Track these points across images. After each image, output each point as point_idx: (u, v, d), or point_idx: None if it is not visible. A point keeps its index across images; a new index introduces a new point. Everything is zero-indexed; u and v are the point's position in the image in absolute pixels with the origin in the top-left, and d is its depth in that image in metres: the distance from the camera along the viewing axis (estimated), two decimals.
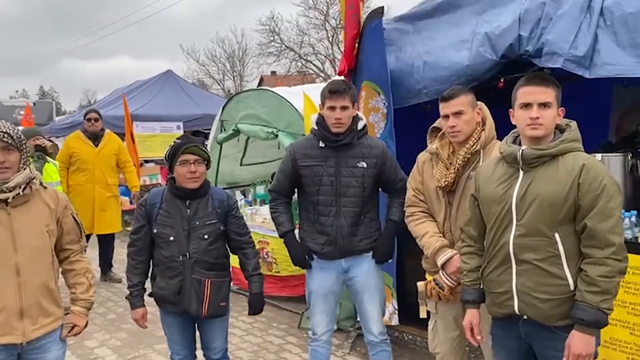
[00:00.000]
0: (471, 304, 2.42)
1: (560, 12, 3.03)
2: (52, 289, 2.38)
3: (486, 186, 2.31)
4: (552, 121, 2.16)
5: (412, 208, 2.89)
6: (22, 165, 2.29)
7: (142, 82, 11.64)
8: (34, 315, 2.30)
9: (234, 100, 5.86)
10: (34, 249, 2.30)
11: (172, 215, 2.79)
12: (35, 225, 2.32)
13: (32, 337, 2.30)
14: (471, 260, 2.42)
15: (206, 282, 2.75)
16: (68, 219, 2.47)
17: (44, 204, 2.38)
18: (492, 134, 2.70)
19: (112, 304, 5.57)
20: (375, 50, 3.90)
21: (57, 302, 2.42)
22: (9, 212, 2.25)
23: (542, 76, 2.23)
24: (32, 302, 2.29)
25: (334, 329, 3.30)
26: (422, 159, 2.88)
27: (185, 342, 2.97)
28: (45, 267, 2.35)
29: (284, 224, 3.13)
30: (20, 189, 2.25)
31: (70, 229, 2.50)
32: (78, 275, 2.54)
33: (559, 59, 2.95)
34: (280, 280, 5.33)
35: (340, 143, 2.98)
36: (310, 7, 28.60)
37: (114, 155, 6.32)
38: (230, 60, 37.17)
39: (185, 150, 2.73)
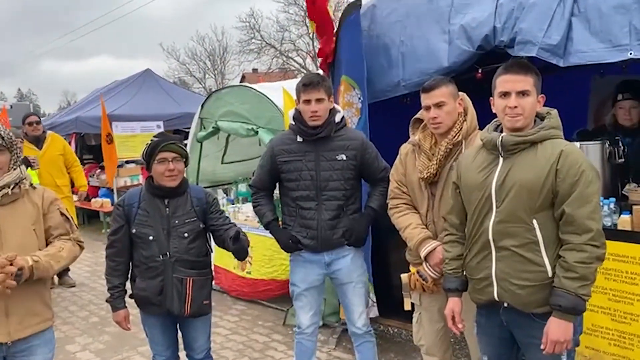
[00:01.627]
0: (453, 292, 2.42)
1: (533, 1, 3.05)
2: (40, 289, 2.35)
3: (467, 174, 2.32)
4: (531, 109, 2.16)
5: (395, 200, 2.89)
6: (13, 165, 2.30)
7: (120, 82, 11.46)
8: (20, 314, 2.27)
9: (213, 98, 5.80)
10: (21, 248, 2.26)
11: (151, 215, 2.74)
12: (22, 224, 2.31)
13: (17, 337, 2.26)
14: (453, 249, 2.43)
15: (188, 280, 2.71)
16: (54, 214, 2.43)
17: (32, 203, 2.37)
18: (473, 125, 2.71)
19: (94, 307, 5.48)
20: (352, 43, 3.88)
21: (45, 302, 2.39)
22: None
23: (520, 64, 2.23)
24: (18, 301, 2.25)
25: (319, 323, 3.29)
26: (404, 151, 2.87)
27: (168, 343, 2.93)
28: None
29: (267, 214, 3.15)
30: (9, 188, 2.25)
31: (58, 224, 2.44)
32: (51, 245, 2.40)
33: (534, 47, 2.96)
34: (250, 283, 5.25)
35: (318, 136, 2.97)
36: (290, 3, 28.51)
37: (60, 157, 6.24)
38: (211, 58, 36.97)
39: (163, 147, 2.69)
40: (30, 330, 2.31)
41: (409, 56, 3.74)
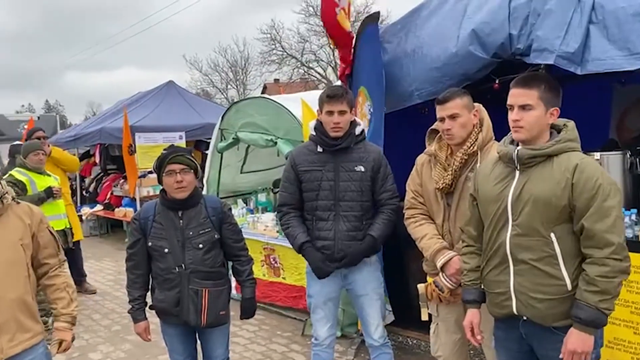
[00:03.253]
0: (471, 304, 2.41)
1: (548, 7, 3.02)
2: (29, 304, 2.34)
3: (484, 186, 2.32)
4: (534, 122, 2.15)
5: (411, 210, 2.89)
6: None
7: (144, 94, 11.66)
8: (11, 331, 2.25)
9: (233, 109, 5.88)
10: (8, 263, 2.26)
11: (165, 227, 2.78)
12: (9, 239, 2.29)
13: (10, 353, 2.24)
14: (471, 260, 2.42)
15: (203, 291, 2.74)
16: (44, 232, 2.44)
17: (18, 218, 2.35)
18: (489, 135, 2.70)
19: (116, 315, 5.57)
20: (371, 55, 3.90)
21: (35, 317, 2.37)
22: None
23: (525, 78, 2.23)
24: (8, 317, 2.24)
25: (337, 334, 3.29)
26: (420, 161, 2.89)
27: (187, 352, 2.96)
28: (21, 282, 2.31)
29: (299, 236, 3.05)
30: None
31: (47, 243, 2.46)
32: (58, 290, 2.50)
33: (551, 55, 2.94)
34: (285, 288, 5.31)
35: (338, 147, 2.99)
36: (311, 14, 28.72)
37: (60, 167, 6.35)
38: (232, 69, 37.37)
39: (171, 160, 2.72)
40: (22, 346, 2.29)
41: (422, 65, 3.74)
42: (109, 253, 8.78)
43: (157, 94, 11.32)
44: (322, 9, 3.98)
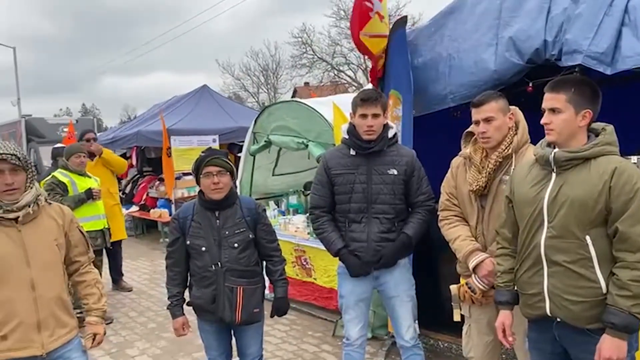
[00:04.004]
0: (504, 305, 2.43)
1: (578, 12, 3.01)
2: (65, 301, 2.47)
3: (520, 188, 2.34)
4: (563, 125, 2.17)
5: (445, 212, 2.92)
6: (29, 184, 2.37)
7: (179, 98, 11.91)
8: (51, 327, 2.38)
9: (265, 113, 5.98)
10: (46, 263, 2.39)
11: (203, 227, 2.88)
12: (45, 240, 2.40)
13: (50, 348, 2.37)
14: (505, 262, 2.43)
15: (238, 289, 2.83)
16: (75, 232, 2.56)
17: (52, 219, 2.46)
18: (524, 138, 2.71)
19: (152, 313, 5.72)
20: (399, 58, 3.94)
21: (70, 312, 2.51)
22: (20, 229, 2.33)
23: (555, 82, 2.25)
24: (47, 314, 2.36)
25: (367, 335, 3.33)
26: (455, 164, 2.92)
27: (222, 349, 3.05)
28: (58, 280, 2.45)
29: (335, 242, 3.09)
30: (29, 207, 2.34)
31: (78, 242, 2.59)
32: (89, 286, 2.63)
33: (579, 55, 2.93)
34: (317, 289, 5.38)
35: (371, 150, 3.03)
36: (341, 17, 28.81)
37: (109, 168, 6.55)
38: (264, 73, 37.75)
39: (208, 162, 2.83)
40: (60, 341, 2.42)
41: (457, 69, 3.74)
42: (145, 253, 9.01)
43: (191, 98, 11.57)
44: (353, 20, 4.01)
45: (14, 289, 2.29)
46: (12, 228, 2.32)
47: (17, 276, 2.30)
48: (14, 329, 2.28)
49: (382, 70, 4.30)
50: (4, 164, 2.27)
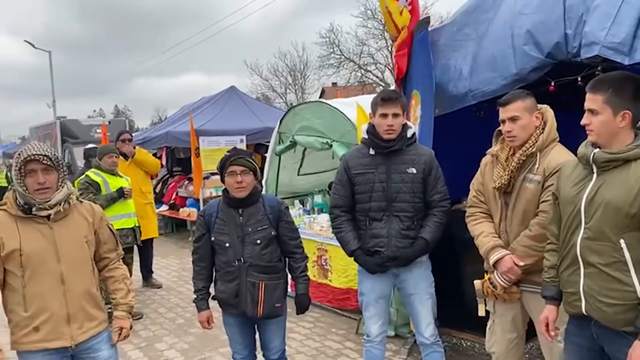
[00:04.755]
0: (549, 300, 2.45)
1: (596, 3, 2.95)
2: (94, 295, 2.59)
3: (564, 187, 2.35)
4: (601, 126, 2.15)
5: (472, 208, 2.97)
6: (61, 183, 2.46)
7: (207, 99, 12.14)
8: (80, 320, 2.50)
9: (290, 113, 6.07)
10: (76, 259, 2.50)
11: (227, 223, 2.98)
12: (76, 237, 2.52)
13: (80, 340, 2.49)
14: (552, 257, 2.44)
15: (260, 284, 2.91)
16: (104, 229, 2.68)
17: (82, 217, 2.57)
18: (551, 137, 2.71)
19: (180, 309, 5.87)
20: (422, 58, 3.97)
21: (99, 306, 2.62)
22: (51, 226, 2.44)
23: (593, 82, 2.23)
24: (77, 308, 2.48)
25: (389, 333, 3.37)
26: (484, 161, 2.96)
27: (245, 342, 3.14)
28: (87, 275, 2.56)
29: (351, 242, 3.16)
30: (60, 205, 2.45)
31: (107, 239, 2.70)
32: (117, 281, 2.74)
33: (596, 47, 2.87)
34: (331, 290, 5.44)
35: (391, 149, 3.08)
36: (369, 17, 28.79)
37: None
38: (292, 73, 38.00)
39: (233, 162, 2.93)
40: (89, 333, 2.53)
41: (477, 66, 3.72)
42: (174, 251, 9.21)
43: (219, 99, 11.76)
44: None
45: (45, 283, 2.41)
46: (45, 225, 2.43)
47: (48, 271, 2.42)
48: (45, 321, 2.41)
49: (404, 71, 4.35)
50: (37, 164, 2.36)
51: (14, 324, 2.44)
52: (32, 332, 2.40)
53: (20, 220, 2.41)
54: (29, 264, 2.38)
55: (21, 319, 2.41)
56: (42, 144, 2.48)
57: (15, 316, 2.43)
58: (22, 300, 2.40)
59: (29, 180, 2.37)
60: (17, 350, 2.46)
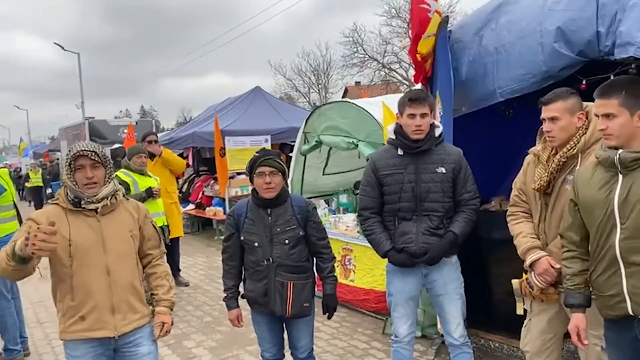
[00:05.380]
0: (576, 308, 2.42)
1: (633, 2, 2.88)
2: (137, 288, 2.66)
3: (585, 191, 2.33)
4: (619, 129, 2.17)
5: (513, 207, 2.95)
6: (108, 179, 2.58)
7: (233, 99, 12.26)
8: (123, 311, 2.58)
9: (316, 113, 6.08)
10: (121, 252, 2.59)
11: (255, 223, 3.02)
12: (121, 231, 2.61)
13: (123, 331, 2.57)
14: (574, 265, 2.43)
15: (288, 284, 2.94)
16: (148, 226, 2.77)
17: (128, 212, 2.68)
18: (594, 138, 2.65)
19: (208, 307, 5.95)
20: (442, 58, 3.95)
21: (142, 300, 2.70)
22: (99, 219, 2.55)
23: (603, 87, 2.24)
24: (121, 299, 2.57)
25: (417, 333, 3.36)
26: (527, 160, 2.93)
27: (274, 341, 3.17)
28: (131, 268, 2.64)
29: (384, 243, 3.15)
30: (107, 199, 2.56)
31: (151, 236, 2.78)
32: (159, 278, 2.82)
33: (631, 48, 2.82)
34: (351, 290, 5.44)
35: (419, 149, 3.07)
36: (393, 16, 28.66)
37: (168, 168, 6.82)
38: (315, 73, 38.06)
39: (261, 162, 2.96)
40: (132, 325, 2.60)
41: (504, 63, 3.67)
42: (200, 250, 9.32)
43: (244, 99, 11.87)
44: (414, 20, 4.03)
45: (92, 274, 2.51)
46: (93, 218, 2.54)
47: (94, 262, 2.51)
48: (90, 310, 2.50)
49: (431, 70, 4.33)
50: (85, 160, 2.48)
51: (62, 313, 2.55)
52: (79, 320, 2.50)
53: (71, 212, 2.52)
54: (77, 254, 2.47)
55: (68, 307, 2.50)
56: (89, 141, 2.60)
57: (63, 305, 2.53)
58: (69, 289, 2.49)
59: (78, 175, 2.49)
60: (65, 339, 2.56)
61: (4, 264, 2.29)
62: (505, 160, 4.51)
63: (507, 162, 4.46)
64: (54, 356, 4.81)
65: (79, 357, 2.52)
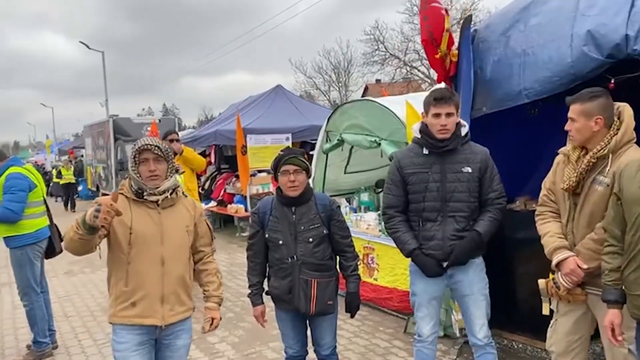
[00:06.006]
0: (612, 304, 2.41)
1: None
2: (187, 282, 2.76)
3: (629, 186, 2.32)
4: None
5: (542, 207, 2.94)
6: (169, 174, 2.70)
7: (254, 98, 12.33)
8: (172, 302, 2.68)
9: (338, 112, 6.10)
10: (176, 245, 2.70)
11: (280, 221, 3.05)
12: (179, 225, 2.73)
13: (169, 321, 2.67)
14: (613, 260, 2.41)
15: (312, 282, 2.97)
16: (202, 224, 2.87)
17: (185, 208, 2.80)
18: (626, 138, 2.63)
19: (230, 303, 6.00)
20: (464, 59, 3.94)
21: (189, 294, 2.79)
22: (160, 212, 2.67)
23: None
24: (171, 290, 2.67)
25: (439, 333, 3.35)
26: (557, 160, 2.92)
27: (298, 337, 3.21)
28: (184, 262, 2.75)
29: (409, 242, 3.12)
30: (168, 193, 2.67)
31: (204, 233, 2.88)
32: (210, 274, 2.92)
33: None
34: (374, 289, 5.45)
35: (445, 149, 3.06)
36: (414, 13, 28.39)
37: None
38: (335, 71, 38.04)
39: (286, 161, 2.99)
40: (178, 317, 2.71)
41: (531, 64, 3.66)
42: (222, 246, 9.40)
43: (266, 97, 11.94)
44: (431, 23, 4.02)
45: (147, 263, 2.62)
46: (155, 210, 2.66)
47: (151, 252, 2.62)
48: (141, 298, 2.61)
49: (454, 68, 4.30)
50: (149, 154, 2.60)
51: (114, 297, 2.66)
52: (130, 306, 2.61)
53: (134, 203, 2.64)
54: (136, 242, 2.59)
55: (121, 292, 2.61)
56: (152, 137, 2.71)
57: (116, 290, 2.64)
58: (124, 275, 2.60)
59: (142, 168, 2.61)
60: (114, 323, 2.67)
61: (72, 233, 2.43)
62: (531, 159, 4.47)
63: (532, 161, 4.43)
64: (81, 349, 4.93)
65: (124, 343, 2.62)
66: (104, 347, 4.91)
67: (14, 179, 4.46)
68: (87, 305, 6.35)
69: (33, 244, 4.59)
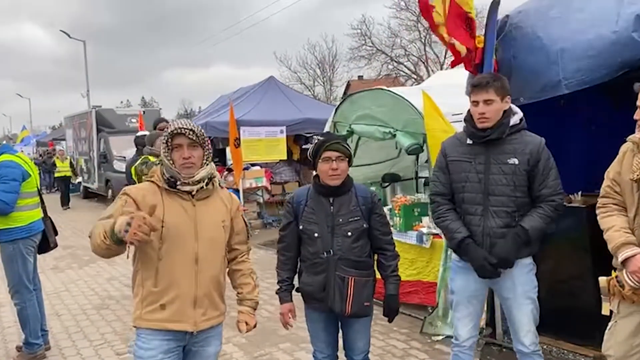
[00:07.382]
0: None
1: None
2: (221, 283, 2.46)
3: None
4: None
5: (604, 199, 2.71)
6: (205, 161, 2.39)
7: (246, 89, 11.99)
8: (205, 306, 2.38)
9: (347, 102, 5.85)
10: (212, 241, 2.40)
11: (316, 212, 2.79)
12: (214, 219, 2.42)
13: (201, 327, 2.37)
14: None
15: (349, 279, 2.71)
16: (239, 219, 2.56)
17: (222, 202, 2.50)
18: None
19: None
20: (488, 46, 3.76)
21: (223, 297, 2.50)
22: (194, 204, 2.37)
23: None
24: (204, 292, 2.37)
25: (477, 337, 3.13)
26: (623, 149, 2.68)
27: (329, 340, 2.94)
28: (219, 260, 2.45)
29: (459, 230, 2.89)
30: (203, 183, 2.36)
31: (240, 230, 2.58)
32: (244, 275, 2.61)
33: None
34: None
35: (488, 139, 2.84)
36: (402, 8, 28.37)
37: None
38: (320, 66, 37.75)
39: (328, 147, 2.73)
40: (210, 322, 2.42)
41: (572, 53, 3.46)
42: None
43: (258, 89, 11.61)
44: None
45: (179, 261, 2.31)
46: (189, 202, 2.37)
47: (184, 248, 2.32)
48: (172, 300, 2.31)
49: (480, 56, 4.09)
50: (183, 139, 2.31)
51: (140, 298, 2.34)
52: (158, 309, 2.31)
53: (166, 193, 2.35)
54: (168, 237, 2.30)
55: (149, 293, 2.32)
56: (186, 120, 2.41)
57: (143, 290, 2.34)
58: (154, 274, 2.31)
59: (176, 155, 2.33)
60: (138, 327, 2.35)
61: (98, 241, 2.13)
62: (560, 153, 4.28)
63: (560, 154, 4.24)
64: (76, 350, 4.60)
65: (150, 350, 2.31)
66: (101, 348, 4.60)
67: (5, 167, 4.11)
68: (78, 303, 5.98)
69: (26, 238, 4.24)
